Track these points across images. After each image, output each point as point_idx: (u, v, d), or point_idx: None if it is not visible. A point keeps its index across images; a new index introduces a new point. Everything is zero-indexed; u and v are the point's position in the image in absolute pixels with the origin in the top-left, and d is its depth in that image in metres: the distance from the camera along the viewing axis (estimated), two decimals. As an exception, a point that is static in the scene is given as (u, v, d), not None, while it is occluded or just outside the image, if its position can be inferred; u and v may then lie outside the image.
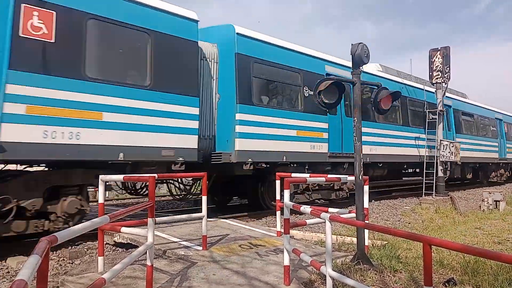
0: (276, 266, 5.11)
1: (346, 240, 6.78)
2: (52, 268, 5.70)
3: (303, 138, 10.31)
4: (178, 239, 6.39)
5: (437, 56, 14.56)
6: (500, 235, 8.29)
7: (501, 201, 12.76)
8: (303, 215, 9.57)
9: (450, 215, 11.84)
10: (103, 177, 5.07)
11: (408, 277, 4.75)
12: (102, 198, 5.03)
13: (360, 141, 5.49)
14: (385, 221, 10.59)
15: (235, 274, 4.79)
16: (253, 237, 6.76)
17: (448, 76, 14.45)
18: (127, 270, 4.74)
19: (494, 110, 22.21)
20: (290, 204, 4.66)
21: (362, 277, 4.65)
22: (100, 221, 3.30)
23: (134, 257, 3.94)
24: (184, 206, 12.96)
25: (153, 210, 4.29)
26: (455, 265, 5.33)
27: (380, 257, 5.45)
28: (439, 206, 12.93)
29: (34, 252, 1.97)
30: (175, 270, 4.93)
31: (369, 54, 5.52)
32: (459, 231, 8.86)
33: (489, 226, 9.46)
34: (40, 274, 2.09)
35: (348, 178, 6.24)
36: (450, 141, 14.83)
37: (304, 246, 6.36)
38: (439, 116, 14.61)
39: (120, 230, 4.71)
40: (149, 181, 4.48)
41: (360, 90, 5.54)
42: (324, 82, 5.42)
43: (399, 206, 13.36)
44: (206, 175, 6.19)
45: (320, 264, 4.04)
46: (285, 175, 6.94)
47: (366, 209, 5.55)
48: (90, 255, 6.35)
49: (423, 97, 15.46)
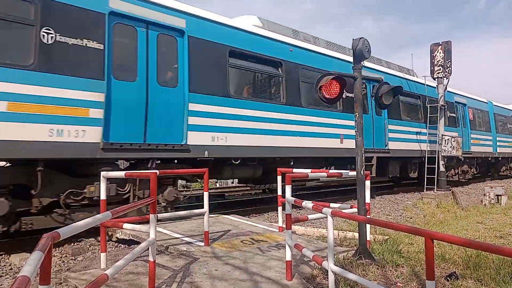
0: (278, 261, 5.12)
1: (348, 235, 6.78)
2: (55, 264, 5.72)
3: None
4: (180, 235, 6.40)
5: (438, 50, 14.52)
6: (502, 229, 8.29)
7: (503, 195, 12.74)
8: (304, 210, 9.60)
9: (451, 210, 11.83)
10: (105, 174, 5.07)
11: (410, 272, 4.76)
12: (104, 195, 5.03)
13: (362, 136, 5.48)
14: (387, 216, 10.60)
15: (237, 269, 4.81)
16: (254, 233, 6.77)
17: (450, 70, 14.40)
18: (130, 266, 4.76)
19: (453, 92, 17.39)
20: (292, 200, 4.66)
21: (364, 271, 4.66)
22: (102, 217, 3.31)
23: (137, 253, 3.95)
24: (185, 202, 12.98)
25: (155, 206, 4.29)
26: (456, 260, 5.33)
27: (382, 252, 5.46)
28: (440, 201, 12.93)
29: (37, 248, 1.98)
30: (177, 266, 4.94)
31: (370, 49, 5.51)
32: (460, 226, 8.86)
33: (490, 221, 9.45)
34: (43, 271, 2.09)
35: (350, 173, 6.24)
36: (452, 136, 14.80)
37: (306, 241, 6.36)
38: (440, 110, 14.57)
39: (123, 227, 4.72)
40: (151, 177, 4.48)
41: (360, 84, 5.53)
42: (325, 77, 5.39)
43: (400, 201, 13.37)
44: (207, 171, 6.20)
45: (322, 259, 4.05)
46: (287, 170, 6.94)
47: (367, 204, 5.55)
48: (93, 252, 6.38)
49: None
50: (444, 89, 14.70)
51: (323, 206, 4.11)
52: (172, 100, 7.72)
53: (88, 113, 6.57)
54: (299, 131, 10.18)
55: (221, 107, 8.51)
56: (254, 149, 9.13)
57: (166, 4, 7.77)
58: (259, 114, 9.27)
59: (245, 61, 9.29)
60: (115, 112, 6.91)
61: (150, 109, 7.38)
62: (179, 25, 7.88)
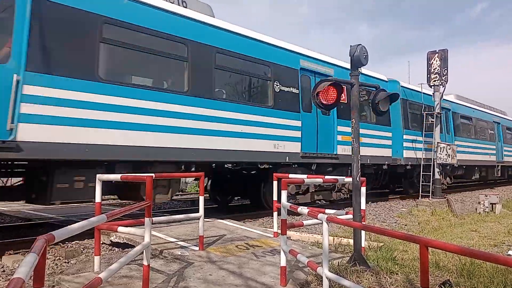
0: (273, 267, 5.11)
1: (342, 241, 6.78)
2: (48, 267, 5.67)
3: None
4: (175, 239, 6.37)
5: (435, 58, 14.63)
6: (496, 237, 8.33)
7: (497, 203, 12.81)
8: (300, 216, 9.59)
9: (446, 218, 11.87)
10: (100, 176, 5.05)
11: (404, 279, 4.76)
12: (99, 197, 5.01)
13: (358, 142, 5.51)
14: (382, 222, 10.61)
15: (232, 274, 4.79)
16: (250, 238, 6.75)
17: (446, 78, 14.51)
18: (124, 269, 4.73)
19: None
20: (287, 205, 4.66)
21: (359, 278, 4.66)
22: (97, 220, 3.29)
23: (131, 257, 3.93)
24: (181, 206, 12.95)
25: (150, 209, 4.28)
26: (451, 267, 5.35)
27: (377, 259, 5.47)
28: (435, 208, 12.97)
29: (31, 250, 1.96)
30: (171, 270, 4.92)
31: (368, 56, 5.54)
32: (455, 234, 8.89)
33: (485, 229, 9.49)
34: (37, 273, 2.08)
35: (346, 180, 6.25)
36: (447, 144, 14.88)
37: (300, 247, 6.36)
38: (436, 118, 14.65)
39: (117, 230, 4.70)
40: (147, 181, 4.47)
41: (358, 91, 5.56)
42: (323, 84, 5.42)
43: (395, 208, 13.38)
44: (203, 175, 6.18)
45: (317, 265, 4.05)
46: (283, 176, 6.95)
47: (363, 211, 5.56)
48: (86, 255, 6.33)
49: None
50: (440, 97, 14.80)
51: (319, 212, 4.11)
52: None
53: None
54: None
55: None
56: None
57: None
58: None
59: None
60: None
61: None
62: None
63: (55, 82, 6.22)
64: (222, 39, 8.76)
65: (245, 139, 8.97)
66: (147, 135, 7.27)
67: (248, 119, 9.08)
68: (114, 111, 6.88)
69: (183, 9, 8.34)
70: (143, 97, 7.27)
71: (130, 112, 7.07)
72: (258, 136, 9.25)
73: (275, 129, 9.67)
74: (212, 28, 8.65)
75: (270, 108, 9.66)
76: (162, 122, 7.50)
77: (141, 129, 7.20)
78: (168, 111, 7.61)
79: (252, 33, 9.62)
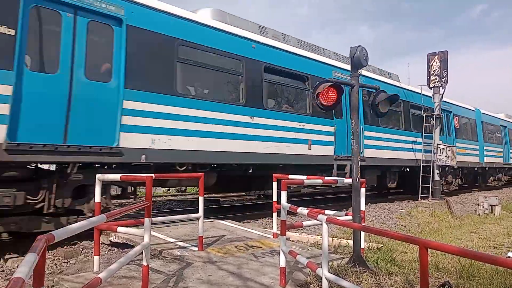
0: (272, 267, 5.11)
1: (342, 242, 6.78)
2: (47, 267, 5.67)
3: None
4: (175, 240, 6.37)
5: (435, 60, 14.63)
6: (495, 239, 8.33)
7: (497, 205, 12.81)
8: (299, 216, 9.59)
9: (445, 219, 11.86)
10: (100, 177, 5.05)
11: (404, 280, 4.76)
12: (99, 198, 5.01)
13: (358, 143, 5.51)
14: (381, 224, 10.61)
15: (231, 275, 4.79)
16: (249, 239, 6.75)
17: (446, 80, 14.51)
18: (123, 270, 4.73)
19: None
20: (287, 206, 4.66)
21: (358, 279, 4.66)
22: (96, 220, 3.29)
23: (130, 257, 3.92)
24: (180, 206, 12.95)
25: (149, 210, 4.27)
26: (450, 269, 5.35)
27: (376, 260, 5.46)
28: (435, 210, 12.97)
29: (31, 250, 1.96)
30: (171, 271, 4.92)
31: (368, 57, 5.54)
32: (454, 235, 8.89)
33: (484, 231, 9.49)
34: (36, 273, 2.08)
35: (345, 181, 6.26)
36: (447, 145, 14.88)
37: (300, 248, 6.36)
38: (435, 120, 14.65)
39: (117, 230, 4.69)
40: (146, 181, 4.47)
41: (358, 92, 5.56)
42: (323, 85, 5.42)
43: (395, 209, 13.39)
44: (203, 175, 6.18)
45: (316, 266, 4.04)
46: (282, 177, 6.94)
47: (362, 212, 5.56)
48: (86, 255, 6.33)
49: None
50: (440, 98, 14.80)
51: (318, 213, 4.12)
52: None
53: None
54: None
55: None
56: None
57: None
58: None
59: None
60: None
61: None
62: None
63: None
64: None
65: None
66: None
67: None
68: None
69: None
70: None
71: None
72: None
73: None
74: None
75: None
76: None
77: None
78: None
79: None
